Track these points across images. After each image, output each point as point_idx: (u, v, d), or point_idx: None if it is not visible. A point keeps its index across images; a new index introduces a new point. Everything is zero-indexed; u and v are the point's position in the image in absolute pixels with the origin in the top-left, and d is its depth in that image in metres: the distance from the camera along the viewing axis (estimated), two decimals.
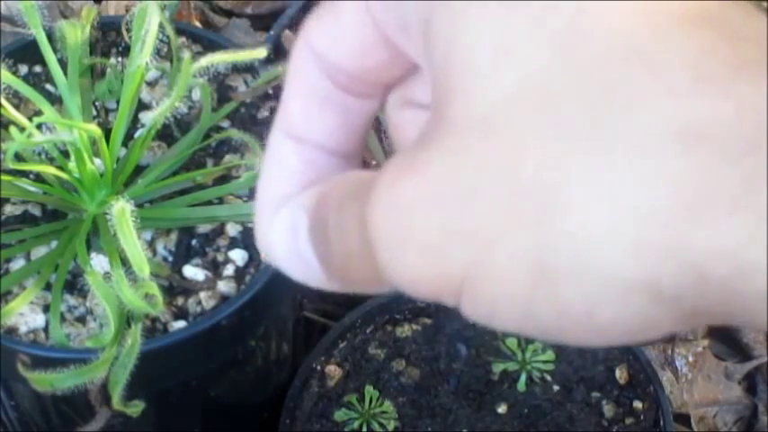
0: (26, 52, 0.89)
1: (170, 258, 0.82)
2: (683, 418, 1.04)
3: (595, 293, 0.26)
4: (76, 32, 0.84)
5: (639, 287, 0.25)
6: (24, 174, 0.79)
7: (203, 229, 0.83)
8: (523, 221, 0.26)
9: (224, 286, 0.79)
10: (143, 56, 0.79)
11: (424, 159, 0.28)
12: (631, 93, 0.25)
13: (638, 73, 0.25)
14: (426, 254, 0.28)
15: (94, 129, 0.76)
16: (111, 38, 0.93)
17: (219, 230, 0.83)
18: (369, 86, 0.35)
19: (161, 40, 0.81)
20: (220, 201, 0.83)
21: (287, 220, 0.33)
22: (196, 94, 0.89)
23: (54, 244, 0.79)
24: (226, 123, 0.89)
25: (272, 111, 0.90)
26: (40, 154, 0.81)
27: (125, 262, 0.71)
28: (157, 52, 0.82)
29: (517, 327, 0.28)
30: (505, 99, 0.27)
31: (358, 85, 0.34)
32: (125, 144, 0.84)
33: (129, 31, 0.82)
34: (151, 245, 0.82)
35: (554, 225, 0.26)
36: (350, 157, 0.36)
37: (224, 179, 0.84)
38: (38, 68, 0.90)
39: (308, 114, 0.36)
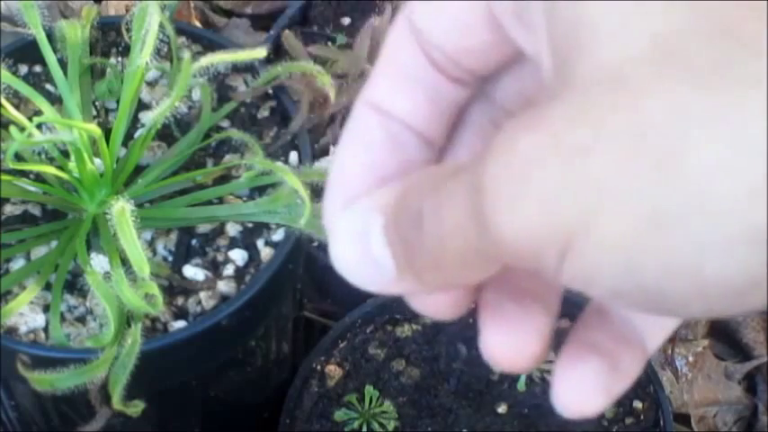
0: (26, 52, 0.89)
1: (170, 258, 0.82)
2: (683, 418, 1.04)
3: (705, 242, 0.26)
4: (76, 32, 0.84)
5: (750, 234, 0.25)
6: (24, 174, 0.79)
7: (203, 228, 0.83)
8: (641, 167, 0.26)
9: (224, 286, 0.79)
10: (143, 56, 0.79)
11: (546, 115, 0.28)
12: (763, 42, 0.26)
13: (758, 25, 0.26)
14: (543, 205, 0.28)
15: (94, 129, 0.76)
16: (111, 38, 0.93)
17: (219, 230, 0.83)
18: (464, 71, 0.35)
19: (161, 40, 0.81)
20: (220, 201, 0.83)
21: (356, 222, 0.33)
22: (196, 94, 0.89)
23: (54, 244, 0.79)
24: (226, 123, 0.89)
25: (272, 111, 0.90)
26: (40, 154, 0.81)
27: (125, 262, 0.71)
28: (157, 52, 0.82)
29: (618, 287, 0.28)
30: (634, 55, 0.27)
31: (454, 68, 0.35)
32: (125, 144, 0.84)
33: (129, 31, 0.82)
34: (151, 245, 0.82)
35: (672, 168, 0.26)
36: (432, 146, 0.36)
37: (224, 179, 0.84)
38: (38, 68, 0.90)
39: (397, 91, 0.36)
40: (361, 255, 0.33)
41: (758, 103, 0.25)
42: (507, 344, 0.34)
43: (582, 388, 0.35)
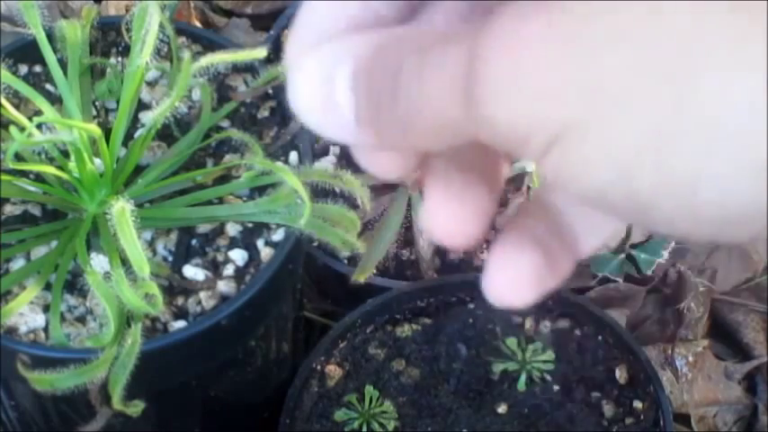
0: (26, 52, 0.89)
1: (170, 258, 0.82)
2: (683, 418, 1.04)
3: (706, 166, 0.26)
4: (76, 32, 0.84)
5: (755, 166, 0.25)
6: (24, 174, 0.79)
7: (203, 228, 0.83)
8: (655, 80, 0.26)
9: (224, 286, 0.79)
10: (143, 56, 0.79)
11: (554, 7, 0.27)
12: None
13: None
14: (543, 93, 0.27)
15: (94, 129, 0.76)
16: (111, 38, 0.93)
17: (219, 230, 0.83)
18: None
19: (161, 40, 0.81)
20: (220, 201, 0.83)
21: (323, 63, 0.32)
22: (196, 94, 0.89)
23: (54, 244, 0.79)
24: (226, 123, 0.89)
25: (272, 111, 0.90)
26: (40, 154, 0.81)
27: (125, 262, 0.71)
28: (157, 52, 0.82)
29: (604, 190, 0.27)
30: None
31: None
32: (125, 144, 0.84)
33: (129, 31, 0.82)
34: (151, 245, 0.82)
35: (687, 87, 0.25)
36: (408, 9, 0.34)
37: (224, 179, 0.84)
38: (38, 68, 0.90)
39: None
40: (323, 98, 0.32)
41: None
42: (449, 215, 0.34)
43: (516, 277, 0.34)
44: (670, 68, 0.26)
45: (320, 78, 0.32)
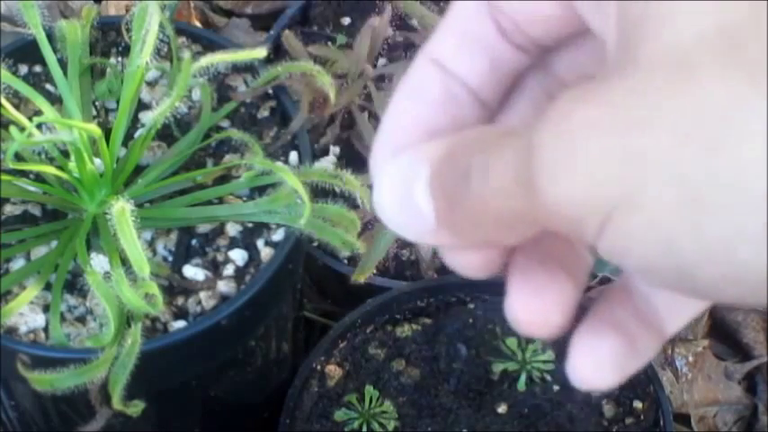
0: (26, 52, 0.89)
1: (170, 258, 0.82)
2: (683, 418, 1.04)
3: (742, 230, 0.27)
4: (76, 32, 0.84)
5: None
6: (24, 174, 0.79)
7: (203, 228, 0.83)
8: (692, 151, 0.27)
9: (224, 286, 0.79)
10: (143, 56, 0.79)
11: (604, 89, 0.29)
12: None
13: None
14: (590, 174, 0.29)
15: (94, 129, 0.76)
16: (111, 38, 0.93)
17: (219, 230, 0.83)
18: (528, 40, 0.36)
19: (161, 40, 0.81)
20: (220, 201, 0.83)
21: (403, 170, 0.34)
22: (196, 94, 0.89)
23: (54, 244, 0.79)
24: (226, 123, 0.89)
25: (272, 111, 0.90)
26: (40, 154, 0.81)
27: (125, 262, 0.71)
28: (157, 52, 0.82)
29: (652, 263, 0.29)
30: (699, 43, 0.28)
31: (519, 36, 0.36)
32: (125, 144, 0.84)
33: (129, 31, 0.82)
34: (151, 245, 0.82)
35: (723, 156, 0.27)
36: (486, 108, 0.37)
37: (224, 179, 0.84)
38: (38, 68, 0.90)
39: (461, 50, 0.37)
40: (404, 202, 0.34)
41: None
42: (532, 307, 0.36)
43: (598, 362, 0.36)
44: (707, 140, 0.27)
45: (401, 183, 0.34)
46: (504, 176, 0.31)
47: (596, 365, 0.36)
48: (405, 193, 0.34)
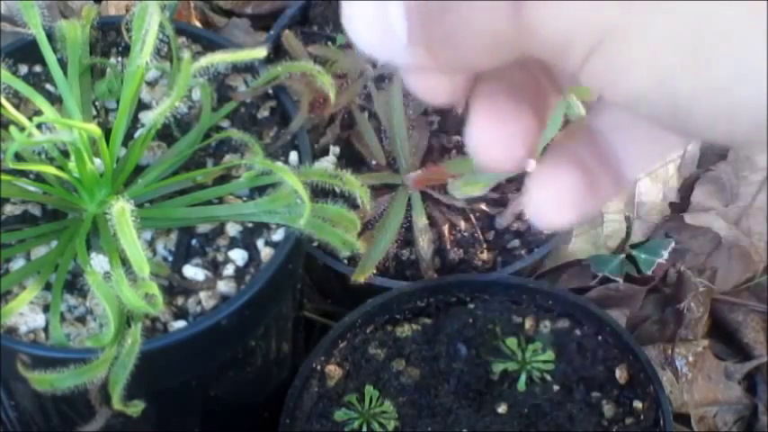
0: (26, 52, 0.89)
1: (170, 258, 0.82)
2: (683, 418, 1.04)
3: (743, 65, 0.27)
4: (76, 32, 0.84)
5: None
6: (24, 174, 0.79)
7: (203, 228, 0.83)
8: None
9: (224, 286, 0.79)
10: (143, 56, 0.79)
11: None
12: None
13: None
14: (581, 2, 0.28)
15: (94, 129, 0.76)
16: (111, 38, 0.93)
17: (219, 230, 0.83)
18: None
19: (161, 40, 0.81)
20: (220, 201, 0.83)
21: None
22: (196, 94, 0.89)
23: (54, 244, 0.79)
24: (226, 123, 0.89)
25: (272, 111, 0.90)
26: (40, 154, 0.81)
27: (125, 262, 0.71)
28: (157, 52, 0.82)
29: (645, 92, 0.28)
30: None
31: None
32: (125, 144, 0.84)
33: (129, 31, 0.82)
34: (151, 245, 0.82)
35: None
36: None
37: (224, 179, 0.84)
38: (38, 68, 0.90)
39: None
40: (376, 17, 0.32)
41: None
42: (495, 135, 0.34)
43: (557, 197, 0.35)
44: None
45: (373, 2, 0.32)
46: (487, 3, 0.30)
47: (555, 200, 0.35)
48: (377, 12, 0.32)
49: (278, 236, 0.82)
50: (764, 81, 0.27)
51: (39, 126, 0.75)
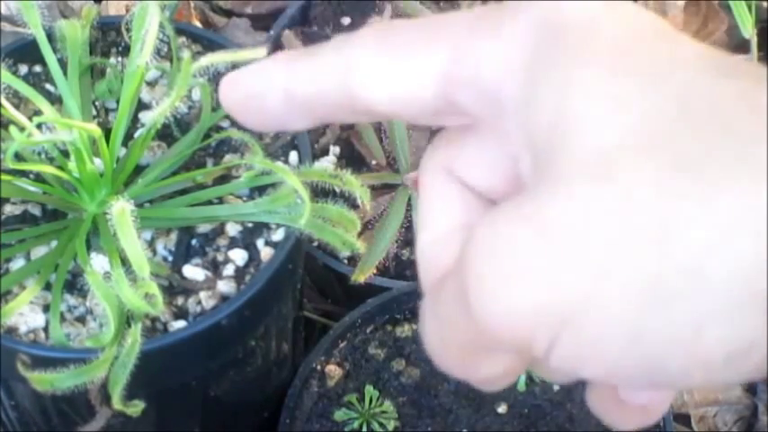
0: (26, 52, 0.89)
1: (170, 258, 0.82)
2: (683, 418, 1.04)
3: (706, 309, 0.27)
4: (76, 32, 0.84)
5: (750, 298, 0.26)
6: (24, 174, 0.79)
7: (203, 228, 0.83)
8: (639, 248, 0.27)
9: (224, 286, 0.79)
10: (143, 56, 0.79)
11: (529, 204, 0.29)
12: (748, 132, 0.27)
13: (755, 119, 0.27)
14: (532, 287, 0.28)
15: (94, 128, 0.76)
16: (111, 38, 0.93)
17: (219, 230, 0.83)
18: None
19: (161, 40, 0.81)
20: (220, 201, 0.83)
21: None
22: (196, 94, 0.89)
23: (54, 244, 0.79)
24: (226, 123, 0.89)
25: None
26: (39, 154, 0.81)
27: (125, 262, 0.71)
28: (157, 52, 0.82)
29: (619, 361, 0.29)
30: (620, 146, 0.28)
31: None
32: (125, 144, 0.84)
33: (129, 30, 0.82)
34: (151, 245, 0.82)
35: (669, 244, 0.27)
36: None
37: (224, 179, 0.84)
38: (38, 68, 0.90)
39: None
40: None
41: (750, 183, 0.26)
42: None
43: None
44: (649, 237, 0.27)
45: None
46: (450, 309, 0.31)
47: None
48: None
49: (278, 236, 0.82)
50: (731, 326, 0.27)
51: (39, 126, 0.75)
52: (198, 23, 1.24)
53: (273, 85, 0.37)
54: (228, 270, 0.81)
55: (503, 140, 0.33)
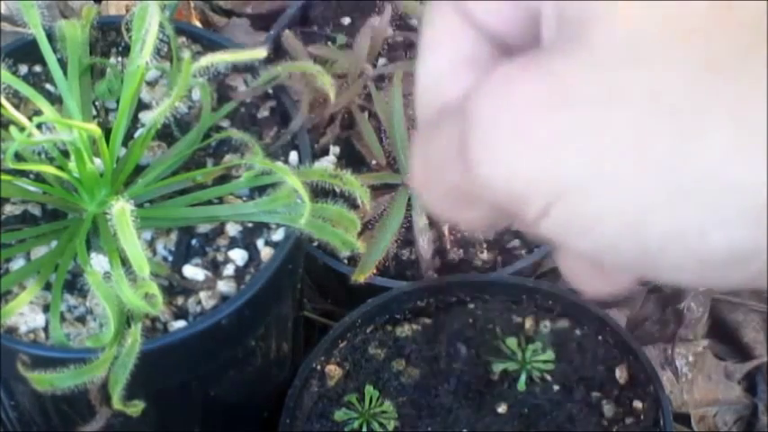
0: (26, 52, 0.89)
1: (170, 258, 0.82)
2: (683, 418, 1.04)
3: (714, 213, 0.27)
4: (76, 32, 0.84)
5: (761, 208, 0.26)
6: (24, 174, 0.79)
7: (203, 228, 0.83)
8: (659, 136, 0.27)
9: (224, 286, 0.79)
10: (143, 56, 0.79)
11: (550, 64, 0.28)
12: None
13: None
14: (540, 152, 0.28)
15: (94, 128, 0.76)
16: (111, 38, 0.93)
17: (219, 230, 0.83)
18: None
19: (161, 40, 0.81)
20: (220, 200, 0.83)
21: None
22: (196, 94, 0.89)
23: (54, 244, 0.79)
24: (226, 123, 0.89)
25: (272, 111, 0.90)
26: (40, 154, 0.81)
27: (125, 262, 0.71)
28: (157, 52, 0.82)
29: (615, 241, 0.28)
30: (653, 32, 0.27)
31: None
32: (125, 144, 0.84)
33: (129, 30, 0.82)
34: (151, 245, 0.82)
35: (690, 143, 0.26)
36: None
37: (224, 179, 0.84)
38: (38, 68, 0.90)
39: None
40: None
41: None
42: None
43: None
44: (672, 127, 0.27)
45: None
46: (443, 152, 0.30)
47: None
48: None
49: (278, 236, 0.82)
50: (735, 233, 0.27)
51: (39, 126, 0.75)
52: (198, 23, 1.24)
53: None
54: (228, 270, 0.81)
55: None
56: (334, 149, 1.03)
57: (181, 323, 0.77)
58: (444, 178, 0.31)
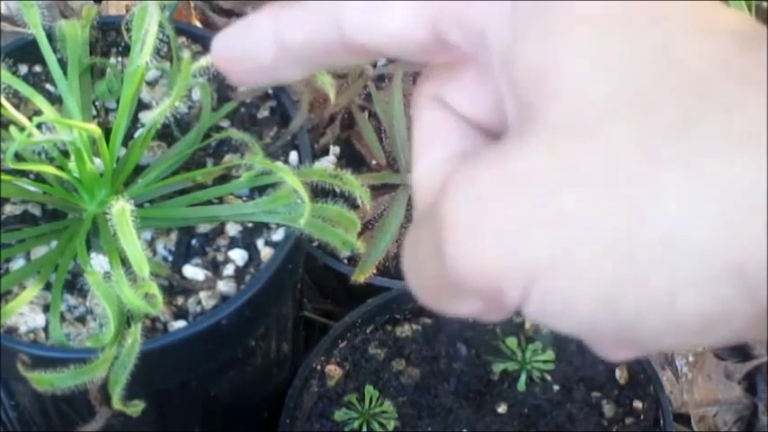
0: (26, 52, 0.89)
1: (170, 258, 0.82)
2: (683, 418, 1.04)
3: (681, 277, 0.27)
4: (76, 32, 0.84)
5: (725, 269, 0.26)
6: (24, 174, 0.79)
7: (203, 228, 0.83)
8: (615, 210, 0.27)
9: (224, 286, 0.79)
10: (143, 56, 0.79)
11: (509, 153, 0.29)
12: (730, 101, 0.27)
13: (736, 86, 0.27)
14: (503, 241, 0.28)
15: (94, 128, 0.76)
16: (111, 38, 0.93)
17: (219, 230, 0.83)
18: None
19: (161, 40, 0.81)
20: (220, 200, 0.83)
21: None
22: (196, 94, 0.89)
23: (54, 244, 0.79)
24: (226, 123, 0.89)
25: (272, 111, 0.90)
26: (40, 154, 0.81)
27: (125, 262, 0.71)
28: (157, 52, 0.82)
29: (591, 318, 0.28)
30: (602, 105, 0.28)
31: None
32: (125, 144, 0.84)
33: (129, 30, 0.82)
34: (151, 245, 0.82)
35: (647, 211, 0.27)
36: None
37: (224, 179, 0.84)
38: (38, 68, 0.90)
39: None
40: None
41: (726, 151, 0.26)
42: None
43: None
44: (628, 200, 0.27)
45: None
46: (425, 250, 0.31)
47: None
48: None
49: (278, 236, 0.82)
50: (706, 296, 0.27)
51: (39, 126, 0.75)
52: (198, 23, 1.24)
53: (263, 36, 0.35)
54: (228, 270, 0.81)
55: (490, 79, 0.32)
56: (334, 149, 1.03)
57: (181, 323, 0.77)
58: (430, 273, 0.32)
